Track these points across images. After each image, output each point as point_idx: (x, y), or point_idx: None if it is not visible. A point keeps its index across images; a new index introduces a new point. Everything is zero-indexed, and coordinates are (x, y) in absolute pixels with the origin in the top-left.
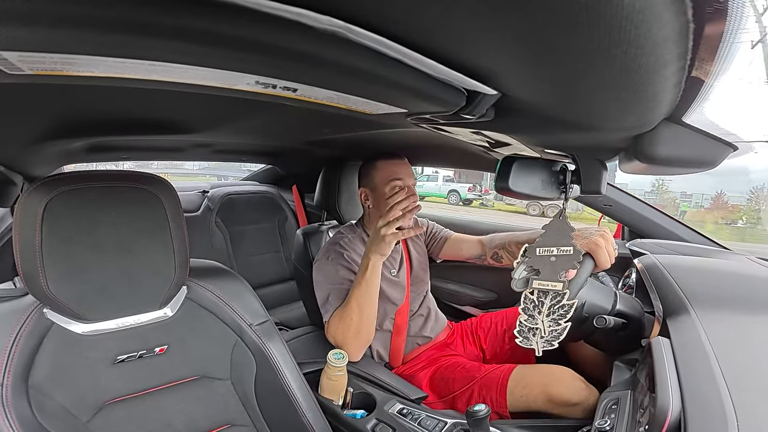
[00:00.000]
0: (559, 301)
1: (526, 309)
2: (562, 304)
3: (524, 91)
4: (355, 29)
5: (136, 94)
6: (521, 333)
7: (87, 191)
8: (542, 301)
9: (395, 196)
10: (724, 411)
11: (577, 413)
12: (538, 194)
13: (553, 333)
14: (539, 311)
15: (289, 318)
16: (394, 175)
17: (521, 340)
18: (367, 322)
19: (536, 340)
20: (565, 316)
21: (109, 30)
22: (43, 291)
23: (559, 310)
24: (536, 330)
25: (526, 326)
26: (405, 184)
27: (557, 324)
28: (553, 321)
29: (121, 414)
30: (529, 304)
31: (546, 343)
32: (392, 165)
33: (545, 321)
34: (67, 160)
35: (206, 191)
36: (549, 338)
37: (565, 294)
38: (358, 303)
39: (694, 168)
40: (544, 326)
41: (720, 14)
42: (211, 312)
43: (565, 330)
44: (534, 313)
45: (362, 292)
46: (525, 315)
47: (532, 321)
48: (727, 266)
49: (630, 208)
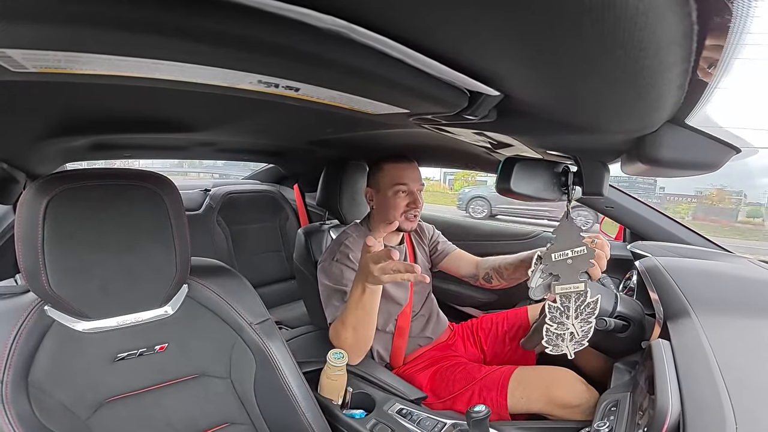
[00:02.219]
0: (583, 300)
1: (553, 318)
2: (587, 303)
3: (527, 93)
4: (358, 29)
5: (139, 93)
6: (550, 342)
7: (89, 189)
8: (567, 305)
9: (398, 201)
10: (724, 414)
11: (577, 415)
12: (540, 196)
13: (583, 333)
14: (567, 316)
15: (290, 317)
16: (398, 180)
17: (551, 349)
18: (362, 340)
19: (566, 345)
20: (593, 314)
21: (114, 28)
22: (44, 288)
23: (586, 309)
24: (565, 335)
25: (554, 333)
26: (409, 189)
27: (587, 323)
28: (583, 321)
29: (121, 412)
30: (555, 312)
31: (576, 344)
32: (397, 169)
33: (576, 323)
34: (70, 157)
35: (208, 190)
36: (580, 339)
37: (587, 292)
38: (354, 325)
39: (697, 170)
40: (576, 328)
41: (724, 16)
42: (212, 310)
43: (593, 328)
44: (563, 319)
45: (357, 315)
46: (554, 324)
47: (562, 327)
48: (729, 269)
49: (631, 210)
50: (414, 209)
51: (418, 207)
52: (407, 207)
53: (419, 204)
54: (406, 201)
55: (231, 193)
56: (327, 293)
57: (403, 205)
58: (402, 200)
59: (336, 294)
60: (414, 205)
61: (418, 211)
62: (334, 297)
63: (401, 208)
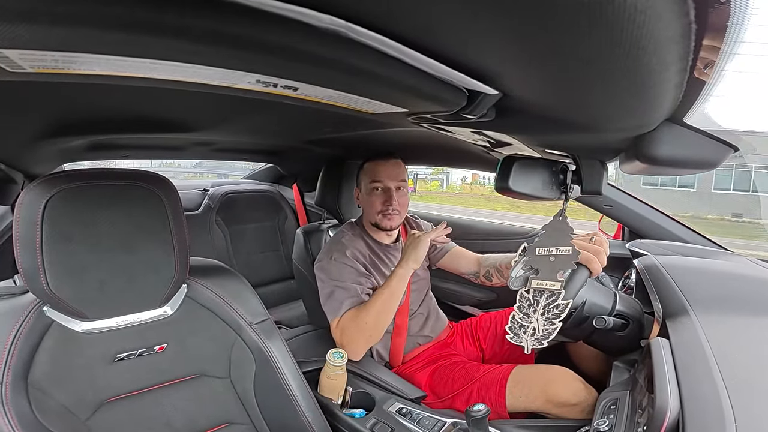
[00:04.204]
0: (554, 300)
1: (521, 307)
2: (557, 304)
3: (525, 92)
4: (357, 28)
5: (137, 93)
6: (512, 329)
7: (87, 189)
8: (537, 300)
9: (374, 199)
10: (723, 412)
11: (576, 413)
12: (539, 194)
13: (545, 332)
14: (534, 309)
15: (289, 317)
16: (372, 177)
17: (512, 337)
18: (380, 328)
19: (526, 338)
20: (559, 316)
21: (111, 28)
22: (43, 289)
23: (554, 309)
24: (528, 327)
25: (518, 323)
26: (384, 186)
27: (551, 323)
28: (547, 320)
29: (120, 412)
30: (525, 302)
31: (536, 341)
32: (376, 166)
33: (540, 320)
34: (68, 158)
35: (207, 189)
36: (540, 336)
37: (560, 294)
38: (377, 310)
39: (695, 169)
40: (539, 325)
41: (722, 15)
42: (211, 311)
43: (556, 330)
44: (529, 312)
45: (385, 299)
46: (520, 313)
47: (527, 319)
48: (727, 267)
49: (630, 208)
50: (389, 207)
51: (392, 206)
52: (383, 206)
53: (393, 202)
54: (381, 198)
55: (230, 192)
56: (326, 291)
57: (379, 204)
58: (377, 198)
59: (336, 290)
60: (389, 203)
61: (395, 210)
62: (334, 293)
63: (377, 207)
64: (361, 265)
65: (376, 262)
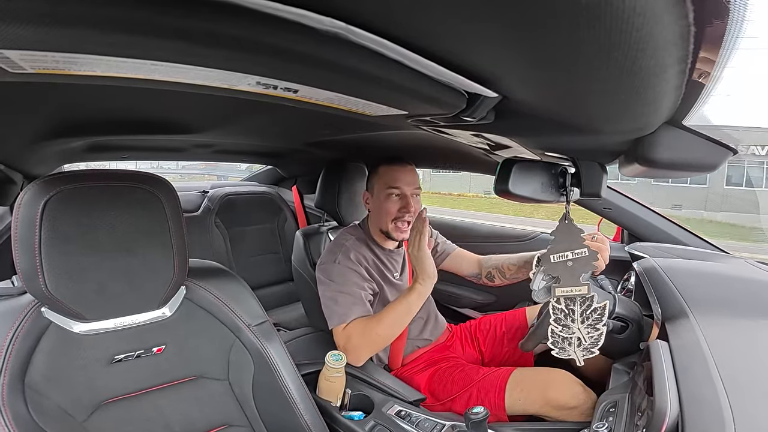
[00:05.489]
0: (589, 305)
1: (558, 319)
2: (594, 308)
3: (525, 94)
4: (357, 31)
5: (137, 94)
6: (556, 344)
7: (86, 190)
8: (572, 308)
9: (390, 206)
10: (722, 414)
11: (575, 416)
12: (538, 197)
13: (591, 339)
14: (573, 319)
15: (288, 319)
16: (390, 183)
17: (557, 352)
18: (389, 340)
19: (574, 350)
20: (600, 320)
21: (112, 30)
22: (41, 290)
23: (593, 314)
24: (572, 339)
25: (560, 336)
26: (401, 193)
27: (595, 329)
28: (590, 327)
29: (118, 414)
30: (560, 314)
31: (585, 350)
32: (391, 171)
33: (582, 328)
34: (67, 159)
35: (206, 191)
36: (588, 345)
37: (593, 296)
38: (391, 323)
39: (694, 171)
40: (583, 334)
41: (721, 18)
42: (210, 312)
43: (603, 335)
44: (568, 322)
45: (400, 314)
46: (558, 326)
47: (567, 330)
48: (726, 270)
49: (629, 211)
50: (406, 214)
51: (410, 212)
52: (399, 212)
53: (411, 209)
54: (397, 205)
55: (229, 194)
56: (329, 294)
57: (395, 210)
58: (393, 204)
59: (341, 296)
60: (406, 210)
61: (411, 216)
62: (339, 299)
63: (393, 213)
64: (364, 269)
65: (379, 267)
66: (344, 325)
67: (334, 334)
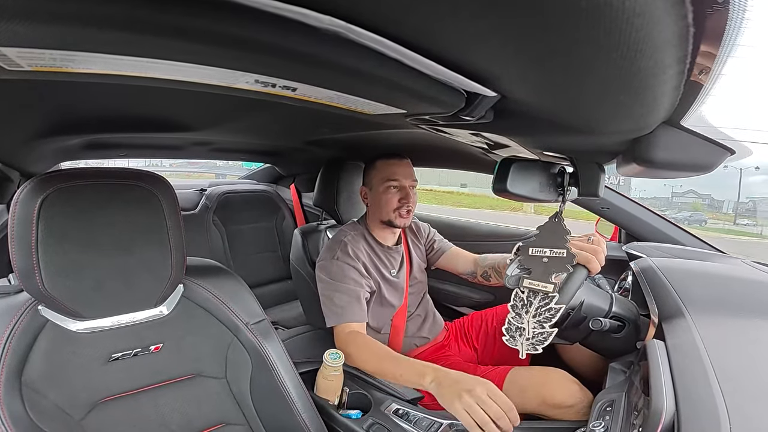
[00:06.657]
0: (547, 303)
1: (514, 306)
2: (549, 307)
3: (523, 94)
4: (356, 29)
5: (135, 92)
6: (508, 331)
7: (83, 188)
8: (531, 301)
9: (390, 197)
10: (718, 413)
11: (571, 415)
12: (536, 196)
13: (538, 336)
14: (526, 311)
15: (286, 317)
16: (389, 176)
17: (507, 339)
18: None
19: (521, 341)
20: (550, 320)
21: (110, 27)
22: (38, 288)
23: (546, 312)
24: (523, 330)
25: (514, 325)
26: (400, 185)
27: (542, 327)
28: (538, 323)
29: (115, 412)
30: (518, 303)
31: (530, 345)
32: (390, 165)
33: (530, 322)
34: (65, 156)
35: (204, 189)
36: (534, 341)
37: (554, 297)
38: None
39: (692, 172)
40: (529, 327)
41: (720, 18)
42: (208, 311)
43: (551, 335)
44: (521, 312)
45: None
46: (513, 313)
47: (519, 320)
48: (723, 270)
49: (627, 211)
50: (406, 205)
51: (410, 202)
52: (399, 203)
53: (411, 199)
54: (397, 197)
55: (227, 192)
56: (327, 292)
57: (395, 201)
58: (393, 196)
59: (337, 294)
60: (405, 201)
61: (411, 206)
62: (335, 298)
63: (393, 204)
64: (362, 264)
65: (377, 263)
66: (341, 326)
67: (334, 332)
